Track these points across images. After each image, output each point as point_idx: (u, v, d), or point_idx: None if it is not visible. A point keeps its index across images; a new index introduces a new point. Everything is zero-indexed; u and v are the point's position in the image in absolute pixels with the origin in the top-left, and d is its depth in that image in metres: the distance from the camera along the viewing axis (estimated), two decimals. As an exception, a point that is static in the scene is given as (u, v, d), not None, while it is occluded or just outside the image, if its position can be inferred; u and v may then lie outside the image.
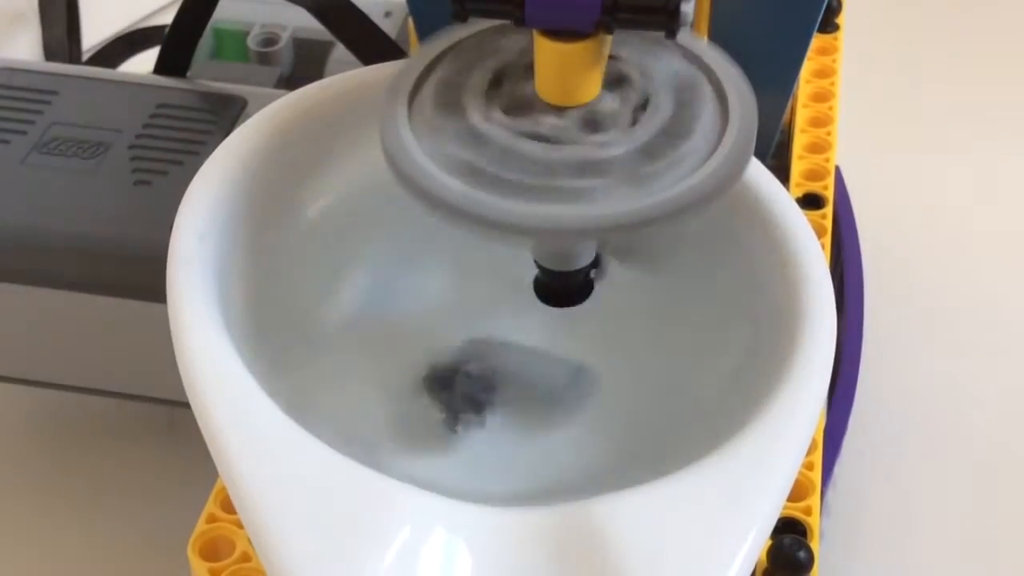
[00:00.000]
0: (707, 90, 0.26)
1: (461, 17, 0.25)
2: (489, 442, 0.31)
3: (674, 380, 0.30)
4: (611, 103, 0.25)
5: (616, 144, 0.25)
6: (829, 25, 0.42)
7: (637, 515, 0.23)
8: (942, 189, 0.49)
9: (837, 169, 0.40)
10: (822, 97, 0.39)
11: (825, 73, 0.40)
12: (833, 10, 0.42)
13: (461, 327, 0.32)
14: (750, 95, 0.26)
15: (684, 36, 0.26)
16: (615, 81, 0.26)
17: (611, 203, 0.24)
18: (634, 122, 0.25)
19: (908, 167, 0.50)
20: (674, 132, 0.25)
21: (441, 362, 0.31)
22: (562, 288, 0.27)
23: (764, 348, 0.28)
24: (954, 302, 0.45)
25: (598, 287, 0.28)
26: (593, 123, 0.25)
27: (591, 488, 0.24)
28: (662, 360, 0.28)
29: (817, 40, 0.41)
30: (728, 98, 0.26)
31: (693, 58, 0.26)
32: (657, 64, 0.26)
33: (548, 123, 0.25)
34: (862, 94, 0.46)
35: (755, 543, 0.24)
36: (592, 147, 0.25)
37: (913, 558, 0.37)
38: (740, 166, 0.25)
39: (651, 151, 0.25)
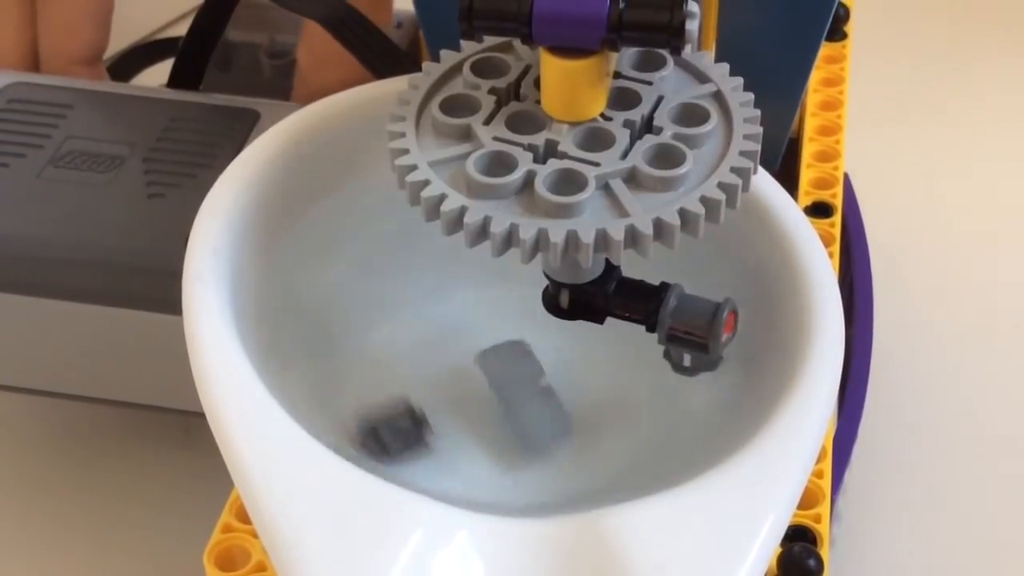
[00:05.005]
0: (712, 104, 0.26)
1: (469, 35, 0.25)
2: (496, 455, 0.31)
3: (683, 390, 0.30)
4: (616, 118, 0.26)
5: (622, 158, 0.25)
6: (837, 33, 0.42)
7: (646, 525, 0.24)
8: (952, 196, 0.49)
9: (846, 177, 0.40)
10: (831, 106, 0.39)
11: (833, 82, 0.40)
12: (840, 18, 0.42)
13: (475, 335, 0.33)
14: (755, 109, 0.26)
15: (688, 52, 0.26)
16: (620, 96, 0.26)
17: (617, 216, 0.24)
18: (640, 136, 0.26)
19: (918, 175, 0.50)
20: (680, 145, 0.25)
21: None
22: (585, 302, 0.27)
23: (773, 357, 0.28)
24: (965, 309, 0.44)
25: None
26: (599, 138, 0.25)
27: (601, 499, 0.24)
28: (669, 370, 0.29)
29: (825, 48, 0.41)
30: (732, 112, 0.26)
31: (697, 73, 0.27)
32: (662, 79, 0.27)
33: (554, 138, 0.25)
34: (871, 102, 0.46)
35: (765, 552, 0.24)
36: (597, 161, 0.25)
37: (924, 566, 0.37)
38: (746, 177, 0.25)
39: (657, 164, 0.25)
